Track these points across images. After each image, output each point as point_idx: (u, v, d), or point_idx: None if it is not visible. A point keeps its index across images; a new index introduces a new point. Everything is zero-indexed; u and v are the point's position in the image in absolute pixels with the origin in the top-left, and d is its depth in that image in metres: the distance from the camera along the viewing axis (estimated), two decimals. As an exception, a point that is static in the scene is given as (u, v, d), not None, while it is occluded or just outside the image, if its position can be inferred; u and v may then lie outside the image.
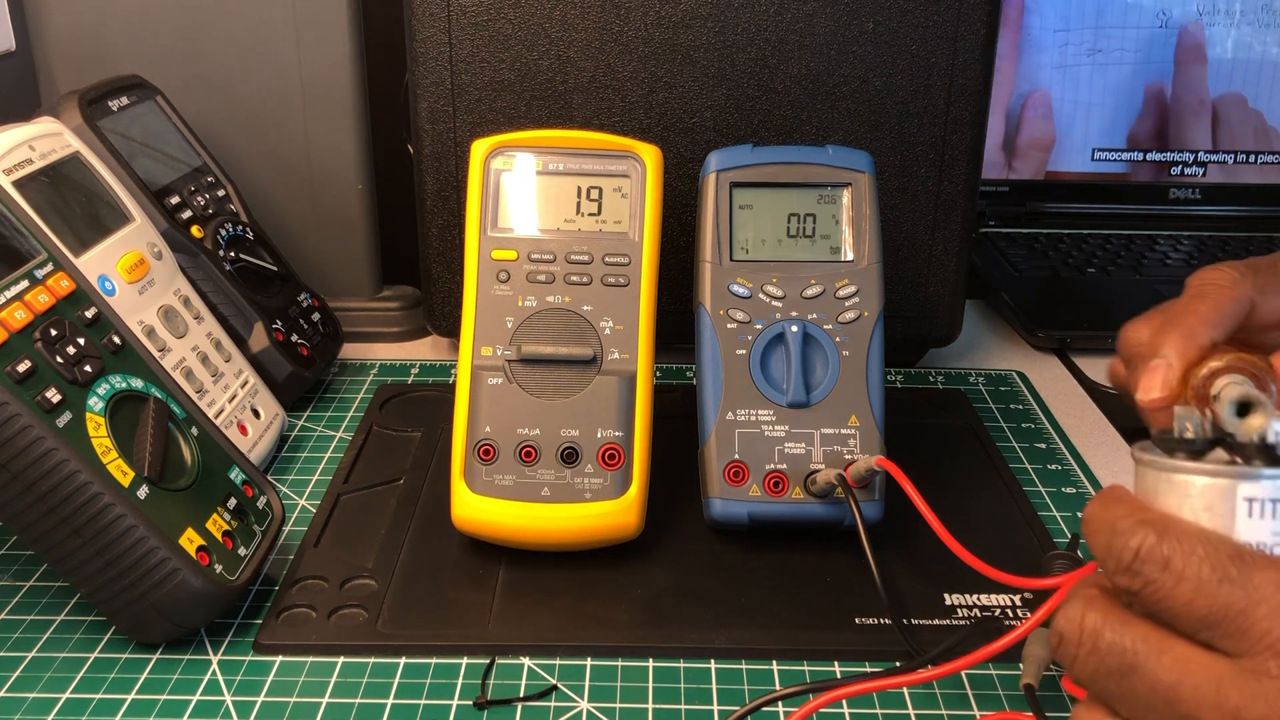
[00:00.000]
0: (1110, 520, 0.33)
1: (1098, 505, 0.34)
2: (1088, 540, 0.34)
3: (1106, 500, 0.34)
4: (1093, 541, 0.34)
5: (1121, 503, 0.34)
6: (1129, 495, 0.34)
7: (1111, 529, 0.32)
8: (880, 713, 0.45)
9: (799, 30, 0.65)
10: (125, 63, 0.72)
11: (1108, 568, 0.32)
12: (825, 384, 0.55)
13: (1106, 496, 0.34)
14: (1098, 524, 0.33)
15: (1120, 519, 0.32)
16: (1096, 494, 0.35)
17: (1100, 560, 0.33)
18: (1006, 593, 0.51)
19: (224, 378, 0.61)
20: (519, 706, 0.45)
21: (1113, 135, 0.98)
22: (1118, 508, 0.33)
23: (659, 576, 0.52)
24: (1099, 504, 0.34)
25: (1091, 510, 0.34)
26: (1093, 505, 0.34)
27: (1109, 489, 0.35)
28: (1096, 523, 0.34)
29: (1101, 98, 0.97)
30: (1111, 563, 0.32)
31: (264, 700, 0.45)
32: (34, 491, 0.43)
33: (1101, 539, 0.33)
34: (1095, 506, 0.34)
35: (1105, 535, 0.33)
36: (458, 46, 0.66)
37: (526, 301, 0.54)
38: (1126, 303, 0.83)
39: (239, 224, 0.68)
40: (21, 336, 0.44)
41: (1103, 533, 0.33)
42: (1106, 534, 0.33)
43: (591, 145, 0.56)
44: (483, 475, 0.52)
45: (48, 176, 0.55)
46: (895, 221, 0.69)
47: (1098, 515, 0.34)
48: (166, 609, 0.45)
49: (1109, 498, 0.34)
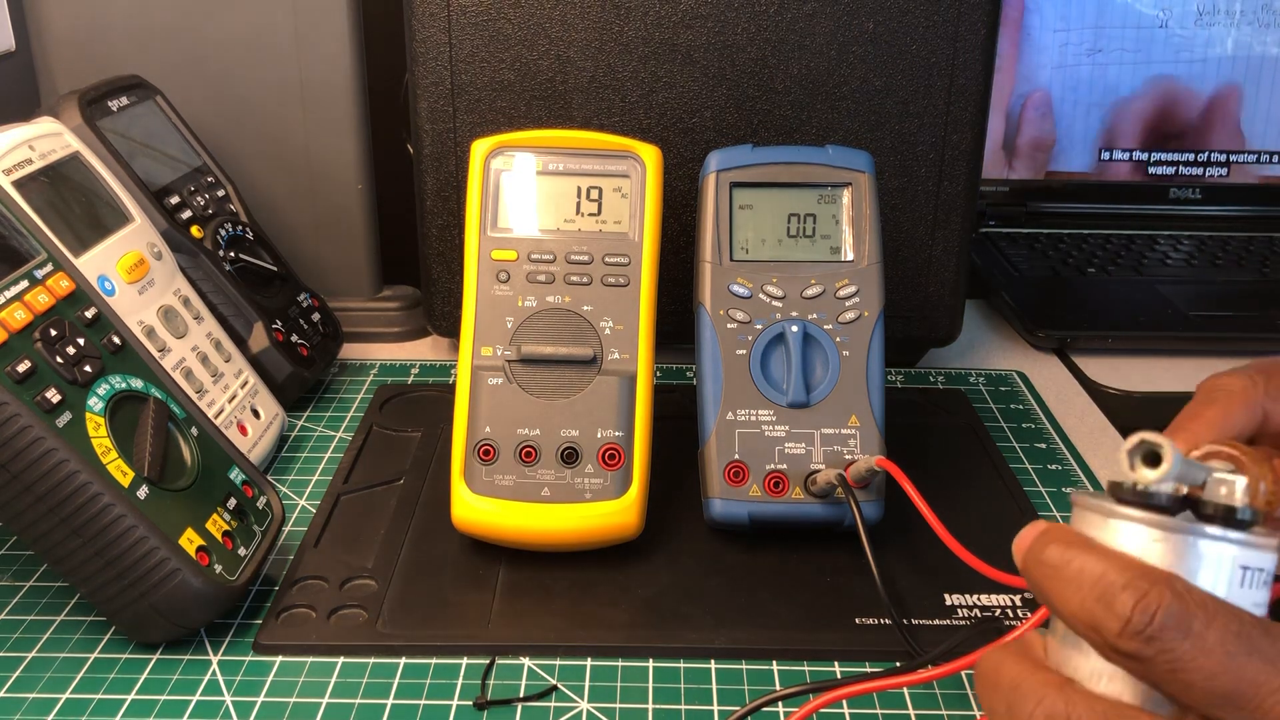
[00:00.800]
0: (1094, 572, 0.28)
1: (1064, 551, 0.29)
2: (1047, 591, 0.29)
3: (1072, 544, 0.29)
4: (1065, 595, 0.29)
5: (1096, 550, 0.29)
6: (1093, 541, 0.30)
7: (1104, 583, 0.28)
8: (880, 713, 0.45)
9: (799, 30, 0.65)
10: (125, 63, 0.72)
11: (1103, 629, 0.28)
12: (825, 384, 0.55)
13: (1068, 539, 0.30)
14: (1077, 576, 0.29)
15: (1111, 571, 0.28)
16: (1040, 535, 0.30)
17: (1082, 618, 0.28)
18: (1006, 593, 0.51)
19: (224, 378, 0.61)
20: (519, 707, 0.45)
21: (1113, 135, 0.98)
22: (1097, 556, 0.29)
23: (659, 576, 0.52)
24: (1065, 550, 0.29)
25: (1054, 557, 0.29)
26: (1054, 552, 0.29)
27: (1057, 530, 0.30)
28: (1073, 575, 0.29)
29: (1101, 98, 0.97)
30: (1113, 624, 0.27)
31: (264, 700, 0.45)
32: (34, 491, 0.43)
33: (1089, 594, 0.28)
34: (1060, 553, 0.29)
35: (1095, 591, 0.28)
36: (458, 46, 0.66)
37: (526, 301, 0.54)
38: (1126, 303, 0.84)
39: (239, 224, 0.68)
40: (21, 337, 0.44)
41: (1089, 586, 0.28)
42: (1098, 589, 0.28)
43: (591, 145, 0.56)
44: (483, 475, 0.52)
45: (48, 176, 0.55)
46: (895, 221, 0.69)
47: (1071, 565, 0.29)
48: (166, 609, 0.45)
49: (1073, 541, 0.29)
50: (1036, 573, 0.30)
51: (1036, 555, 0.30)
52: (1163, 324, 0.80)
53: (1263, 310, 0.82)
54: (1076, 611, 0.28)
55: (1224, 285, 0.86)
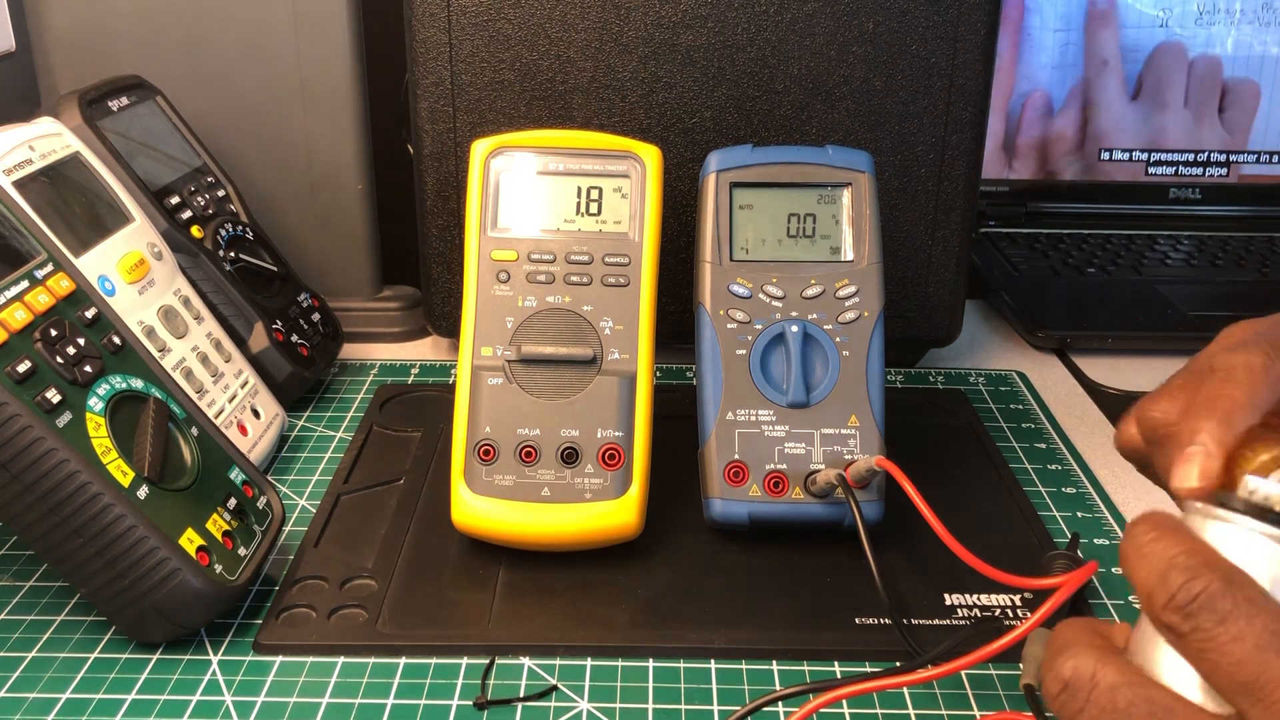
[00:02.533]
0: (1168, 553, 0.31)
1: (1153, 532, 0.32)
2: (1129, 563, 0.32)
3: (1163, 528, 0.32)
4: (1139, 567, 0.32)
5: (1180, 536, 0.32)
6: (1186, 528, 0.32)
7: (1169, 562, 0.31)
8: (880, 713, 0.45)
9: (799, 30, 0.65)
10: (125, 63, 0.72)
11: (1154, 599, 0.31)
12: (825, 384, 0.55)
13: (1163, 524, 0.32)
14: (1152, 553, 0.31)
15: (1181, 554, 0.31)
16: (1143, 517, 0.33)
17: (1144, 588, 0.31)
18: (1006, 593, 0.51)
19: (224, 378, 0.61)
20: (519, 706, 0.45)
21: (1113, 135, 0.98)
22: (1177, 541, 0.31)
23: (659, 576, 0.52)
24: (1154, 531, 0.32)
25: (1143, 536, 0.32)
26: (1145, 531, 0.32)
27: (1159, 516, 0.33)
28: (1150, 551, 0.32)
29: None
30: (1162, 596, 0.30)
31: (264, 700, 0.45)
32: (34, 491, 0.43)
33: (1154, 569, 0.31)
34: (1149, 533, 0.32)
35: (1160, 567, 0.31)
36: (458, 46, 0.66)
37: (526, 301, 0.54)
38: (1126, 303, 0.84)
39: (239, 224, 0.68)
40: (21, 337, 0.44)
41: (1157, 563, 0.31)
42: (1162, 566, 0.31)
43: (591, 145, 0.56)
44: (483, 475, 0.52)
45: (48, 176, 0.55)
46: (895, 221, 0.69)
47: (1153, 544, 0.32)
48: (166, 609, 0.45)
49: (1166, 526, 0.32)
50: (1126, 545, 0.33)
51: (1131, 529, 0.33)
52: (1163, 324, 0.80)
53: (1263, 310, 0.81)
54: (1140, 582, 0.31)
55: (1224, 285, 0.86)
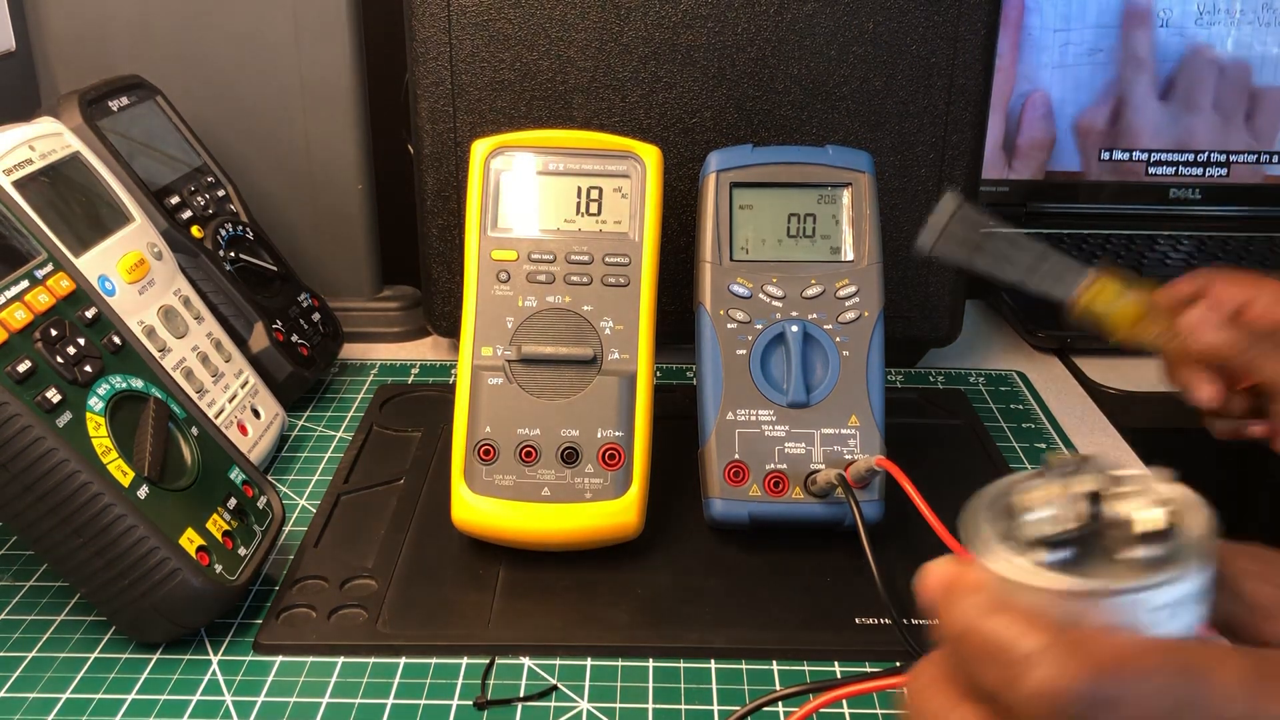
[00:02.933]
0: (1008, 645, 0.25)
1: (970, 612, 0.25)
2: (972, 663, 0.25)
3: (990, 615, 0.25)
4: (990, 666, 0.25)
5: (1011, 621, 0.25)
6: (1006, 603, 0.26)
7: (1015, 658, 0.24)
8: (880, 713, 0.45)
9: (799, 30, 0.65)
10: (125, 63, 0.72)
11: (1021, 712, 0.24)
12: (825, 384, 0.55)
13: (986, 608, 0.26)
14: (989, 649, 0.25)
15: (1026, 645, 0.24)
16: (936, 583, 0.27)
17: (1003, 697, 0.25)
18: (1006, 593, 0.51)
19: (224, 378, 0.61)
20: (519, 706, 0.45)
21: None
22: (1013, 629, 0.25)
23: (659, 576, 0.52)
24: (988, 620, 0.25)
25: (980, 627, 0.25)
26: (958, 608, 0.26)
27: (952, 577, 0.27)
28: (988, 647, 0.25)
29: (1102, 97, 0.97)
30: (1029, 710, 0.24)
31: (264, 700, 0.45)
32: (34, 491, 0.43)
33: (1002, 671, 0.24)
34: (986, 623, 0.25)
35: (1007, 667, 0.24)
36: (458, 46, 0.66)
37: (526, 301, 0.54)
38: (1126, 303, 0.84)
39: (239, 224, 0.68)
40: (21, 337, 0.44)
41: (1001, 661, 0.25)
42: (1009, 664, 0.24)
43: (591, 145, 0.56)
44: (483, 475, 0.52)
45: (48, 176, 0.55)
46: (895, 221, 0.69)
47: (993, 630, 0.25)
48: (166, 609, 0.45)
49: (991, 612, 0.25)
50: (946, 638, 0.27)
51: (942, 618, 0.27)
52: (1163, 324, 0.80)
53: (1263, 310, 0.82)
54: (993, 689, 0.25)
55: (1224, 285, 0.86)
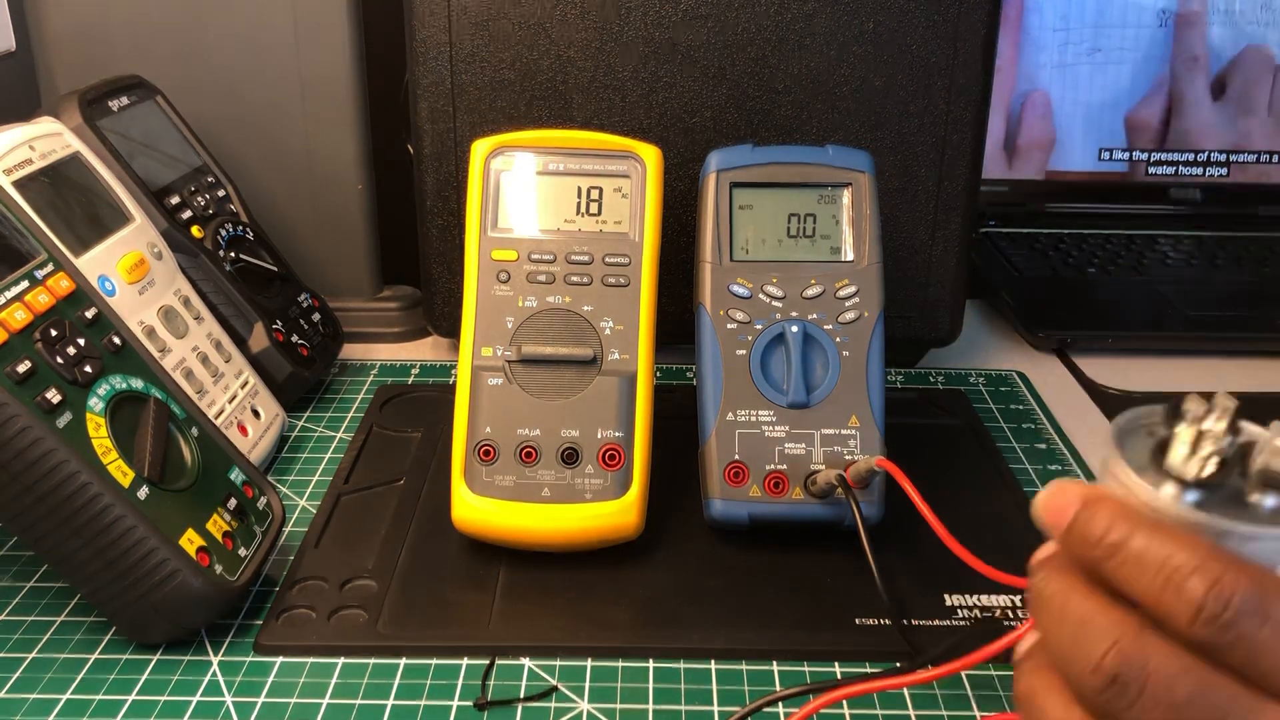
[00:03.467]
0: (1167, 557, 0.27)
1: (1123, 526, 0.28)
2: (1111, 571, 0.28)
3: (1146, 529, 0.28)
4: (1139, 574, 0.27)
5: (1168, 536, 0.28)
6: (1159, 521, 0.28)
7: (1172, 568, 0.27)
8: (881, 713, 0.45)
9: (799, 30, 0.65)
10: (125, 63, 0.72)
11: (1174, 614, 0.27)
12: (825, 384, 0.55)
13: (1127, 516, 0.28)
14: (1147, 559, 0.27)
15: (1184, 558, 0.27)
16: (1087, 501, 0.29)
17: (1154, 602, 0.27)
18: (1006, 593, 0.51)
19: (224, 378, 0.61)
20: (519, 707, 0.45)
21: (1113, 135, 0.98)
22: (1171, 543, 0.27)
23: (659, 576, 0.52)
24: (1143, 534, 0.28)
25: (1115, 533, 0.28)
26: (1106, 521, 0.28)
27: (1104, 501, 0.29)
28: (1138, 554, 0.27)
29: (1101, 97, 0.97)
30: (1183, 611, 0.27)
31: (264, 701, 0.45)
32: (34, 492, 0.43)
33: (1156, 578, 0.27)
34: (1118, 527, 0.28)
35: (1163, 574, 0.27)
36: (458, 46, 0.66)
37: (526, 302, 0.54)
38: (1126, 303, 0.84)
39: (239, 224, 0.68)
40: (21, 337, 0.44)
41: (1157, 570, 0.27)
42: (1164, 573, 0.27)
43: (591, 145, 0.56)
44: (483, 476, 0.52)
45: (48, 176, 0.55)
46: (895, 221, 0.69)
47: (1137, 544, 0.28)
48: (166, 610, 0.45)
49: (1134, 519, 0.28)
50: (1085, 548, 0.29)
51: (1083, 529, 0.29)
52: (1163, 324, 0.80)
53: (1263, 310, 0.82)
54: (1156, 598, 0.27)
55: (1224, 285, 0.86)
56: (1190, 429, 0.30)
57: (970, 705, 0.45)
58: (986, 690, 0.46)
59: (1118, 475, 0.30)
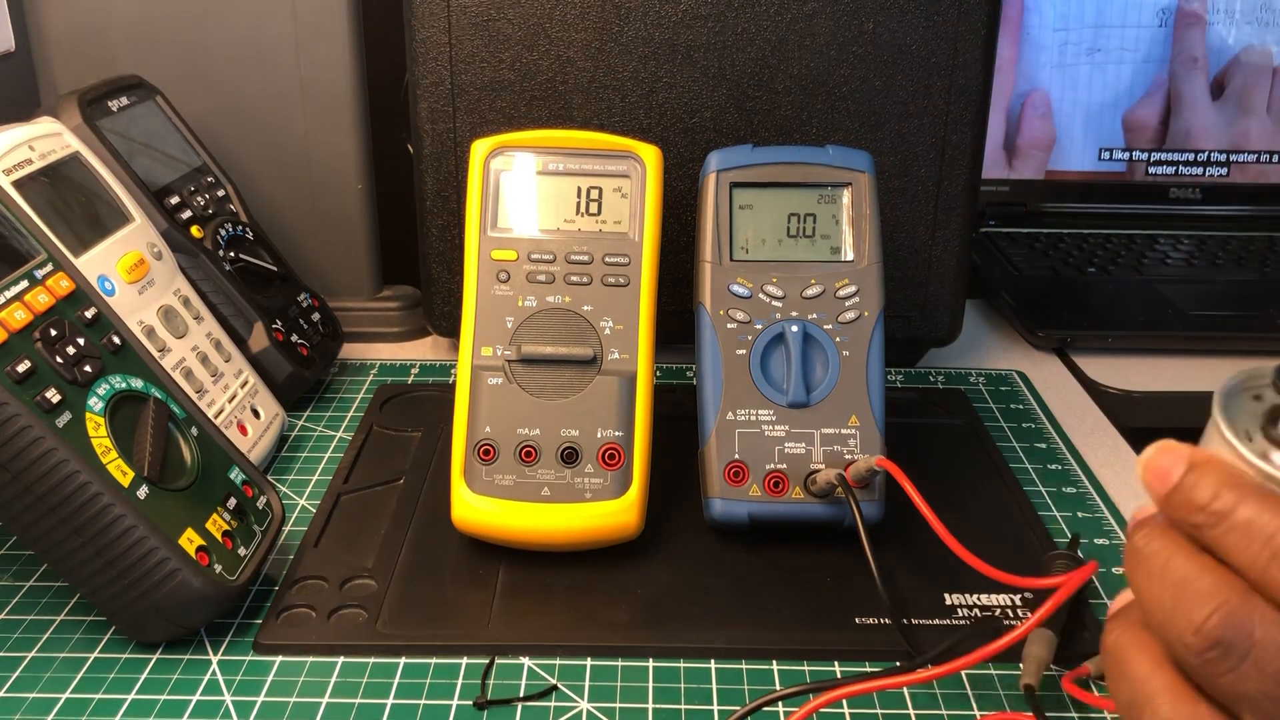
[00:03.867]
0: (1277, 529, 0.26)
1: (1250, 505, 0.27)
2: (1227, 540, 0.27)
3: (1254, 499, 0.27)
4: (1247, 545, 0.27)
5: (1277, 507, 0.27)
6: (1267, 490, 0.28)
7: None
8: (880, 713, 0.45)
9: (799, 30, 0.65)
10: (125, 63, 0.72)
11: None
12: (825, 384, 0.55)
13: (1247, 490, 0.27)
14: (1255, 530, 0.27)
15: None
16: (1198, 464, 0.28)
17: (1260, 573, 0.26)
18: (1006, 593, 0.51)
19: (224, 378, 0.61)
20: (519, 706, 0.45)
21: (1113, 135, 0.98)
22: (1274, 502, 0.27)
23: (659, 576, 0.52)
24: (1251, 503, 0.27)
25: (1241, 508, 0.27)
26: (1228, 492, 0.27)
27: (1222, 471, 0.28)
28: (1253, 527, 0.27)
29: (1101, 97, 0.97)
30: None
31: (264, 700, 0.45)
32: (33, 492, 0.43)
33: (1264, 550, 0.26)
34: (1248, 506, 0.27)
35: (1271, 546, 0.26)
36: (458, 46, 0.66)
37: (526, 301, 0.54)
38: (1126, 303, 0.84)
39: (239, 224, 0.68)
40: (21, 336, 0.44)
41: (1265, 542, 0.26)
42: (1273, 545, 0.26)
43: (591, 145, 0.56)
44: (483, 475, 0.52)
45: (48, 176, 0.55)
46: (895, 221, 0.69)
47: (1254, 519, 0.27)
48: (166, 609, 0.45)
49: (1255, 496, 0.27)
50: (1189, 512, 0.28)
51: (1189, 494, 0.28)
52: (1163, 324, 0.80)
53: (1263, 310, 0.82)
54: (1248, 566, 0.27)
55: (1224, 285, 0.86)
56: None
57: (970, 705, 0.45)
58: (986, 690, 0.46)
59: (1225, 439, 0.29)
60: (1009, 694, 0.46)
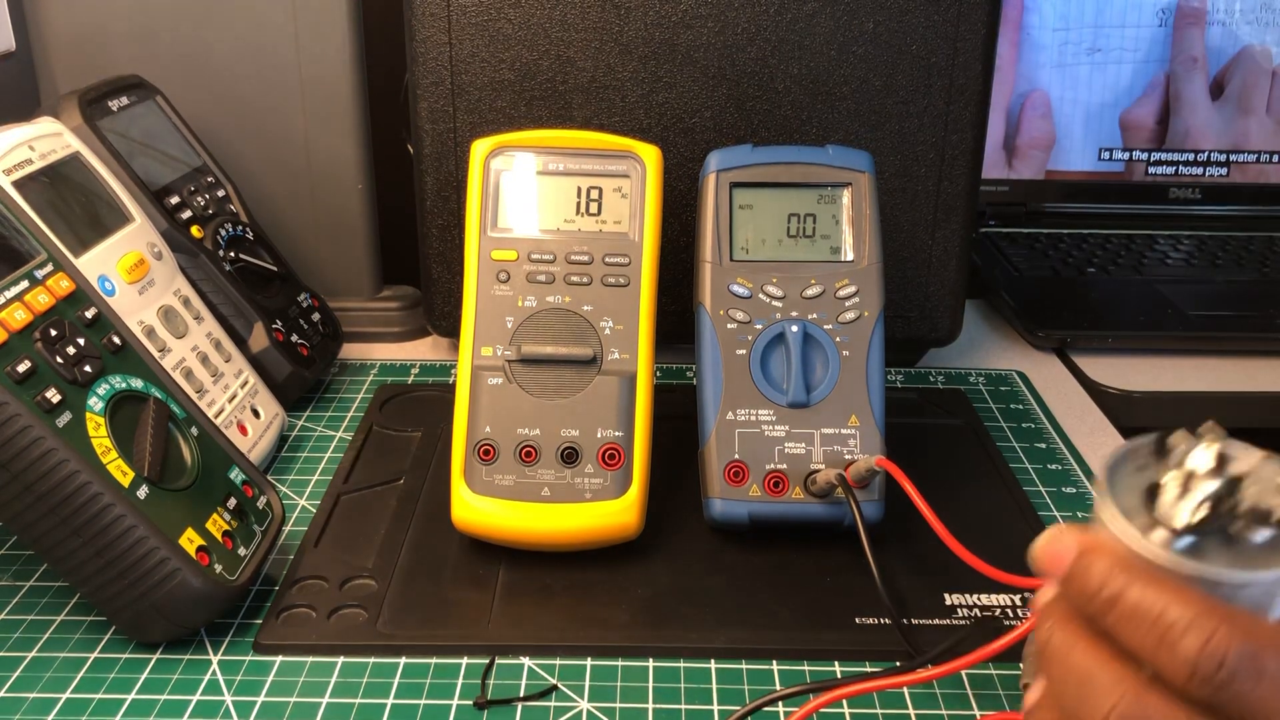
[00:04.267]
0: (1161, 613, 0.27)
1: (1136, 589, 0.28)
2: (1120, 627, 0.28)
3: (1141, 582, 0.28)
4: (1135, 630, 0.27)
5: (1162, 589, 0.27)
6: (1158, 570, 0.28)
7: (1166, 625, 0.27)
8: (880, 713, 0.45)
9: (799, 30, 0.65)
10: (125, 63, 0.72)
11: (1170, 672, 0.27)
12: (825, 384, 0.55)
13: (1134, 574, 0.28)
14: (1141, 614, 0.27)
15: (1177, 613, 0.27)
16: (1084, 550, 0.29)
17: (1151, 658, 0.27)
18: (1006, 593, 0.51)
19: (224, 378, 0.61)
20: (519, 706, 0.45)
21: (1113, 135, 0.98)
22: (1165, 596, 0.27)
23: (659, 576, 0.52)
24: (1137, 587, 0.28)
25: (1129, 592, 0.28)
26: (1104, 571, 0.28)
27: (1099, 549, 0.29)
28: (1139, 611, 0.27)
29: (1101, 97, 0.97)
30: (1179, 669, 0.27)
31: (264, 700, 0.45)
32: (34, 491, 0.43)
33: (1151, 634, 0.27)
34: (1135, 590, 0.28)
35: (1157, 630, 0.27)
36: (458, 46, 0.66)
37: (526, 301, 0.54)
38: (1126, 303, 0.84)
39: (239, 224, 0.68)
40: (21, 337, 0.44)
41: (1151, 626, 0.27)
42: (1159, 629, 0.27)
43: (591, 145, 0.56)
44: (483, 475, 0.52)
45: (48, 176, 0.55)
46: (895, 221, 0.69)
47: (1140, 603, 0.27)
48: (166, 609, 0.45)
49: (1141, 580, 0.28)
50: (1084, 600, 0.29)
51: (1080, 580, 0.29)
52: (1163, 324, 0.80)
53: (1263, 310, 0.82)
54: (1140, 651, 0.27)
55: (1224, 285, 0.86)
56: (1179, 472, 0.30)
57: (970, 704, 0.45)
58: (986, 690, 0.46)
59: (1108, 521, 0.30)
60: (1009, 694, 0.46)
